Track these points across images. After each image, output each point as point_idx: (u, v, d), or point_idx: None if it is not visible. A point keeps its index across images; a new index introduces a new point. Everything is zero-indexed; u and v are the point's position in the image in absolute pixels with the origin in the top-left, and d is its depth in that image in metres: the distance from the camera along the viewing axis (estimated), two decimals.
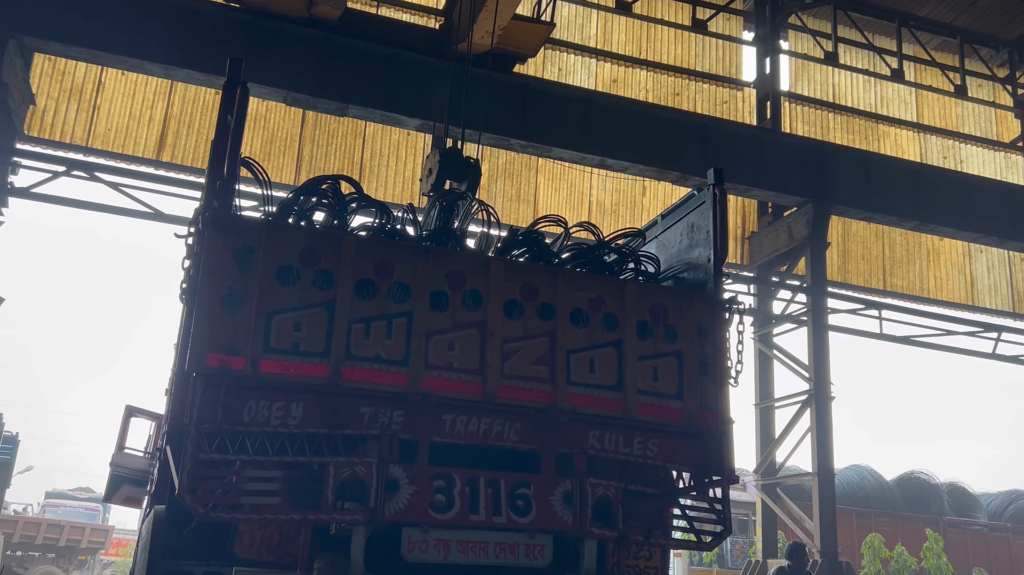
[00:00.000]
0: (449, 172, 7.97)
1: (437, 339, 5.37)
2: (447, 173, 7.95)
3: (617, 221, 16.05)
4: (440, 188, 7.92)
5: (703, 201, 6.53)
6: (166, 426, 5.77)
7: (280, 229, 5.36)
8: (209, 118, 14.08)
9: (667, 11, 17.25)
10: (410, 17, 15.26)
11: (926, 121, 18.82)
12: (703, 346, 5.98)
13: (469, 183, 8.01)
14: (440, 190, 7.86)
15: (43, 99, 13.31)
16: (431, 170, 8.02)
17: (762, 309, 16.22)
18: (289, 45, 12.51)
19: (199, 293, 4.98)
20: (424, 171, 8.25)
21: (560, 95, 14.04)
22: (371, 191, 14.53)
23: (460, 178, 8.01)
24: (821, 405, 14.22)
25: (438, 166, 7.91)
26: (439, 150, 8.06)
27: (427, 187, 8.07)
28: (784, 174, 14.94)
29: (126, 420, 10.67)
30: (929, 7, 18.16)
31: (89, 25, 11.74)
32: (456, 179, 8.02)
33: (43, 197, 12.52)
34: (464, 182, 8.02)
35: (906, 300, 17.85)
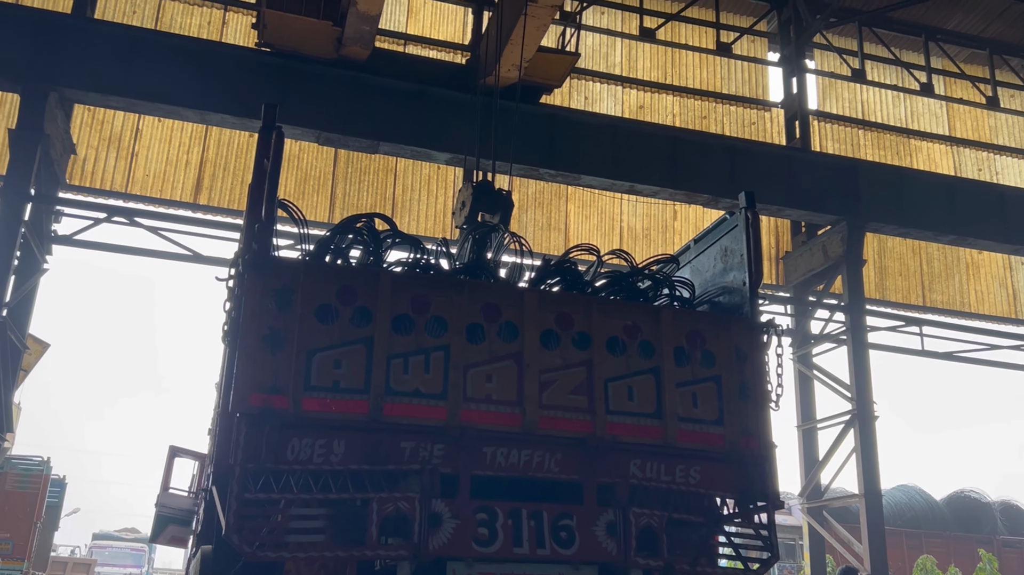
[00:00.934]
0: (482, 205, 8.06)
1: (475, 372, 5.41)
2: (480, 206, 8.04)
3: (649, 246, 16.04)
4: (473, 221, 8.00)
5: (735, 224, 6.52)
6: (211, 466, 5.85)
7: (318, 268, 5.45)
8: (244, 160, 14.36)
9: (691, 36, 17.32)
10: (437, 54, 15.48)
11: (958, 134, 18.63)
12: (742, 370, 5.95)
13: (502, 215, 8.09)
14: (473, 222, 7.95)
15: (83, 148, 13.66)
16: (464, 203, 8.11)
17: (800, 329, 16.05)
18: (320, 86, 12.76)
19: (241, 334, 5.07)
20: (457, 204, 8.35)
21: (587, 123, 14.13)
22: (404, 225, 14.70)
23: (493, 210, 8.10)
24: (865, 425, 14.00)
25: (471, 199, 8.00)
26: (471, 183, 8.16)
27: (461, 220, 8.16)
28: (816, 193, 14.85)
29: (170, 460, 10.80)
30: (956, 20, 18.04)
31: (126, 75, 12.08)
32: (489, 211, 8.11)
33: (85, 243, 12.81)
34: (497, 214, 8.10)
35: (947, 315, 17.57)
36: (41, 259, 12.34)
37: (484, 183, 8.17)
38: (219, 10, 14.75)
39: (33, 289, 12.32)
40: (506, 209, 8.13)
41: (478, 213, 8.09)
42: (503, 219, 8.09)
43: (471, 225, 7.71)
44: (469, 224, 7.99)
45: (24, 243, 11.68)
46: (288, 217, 6.07)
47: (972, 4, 17.64)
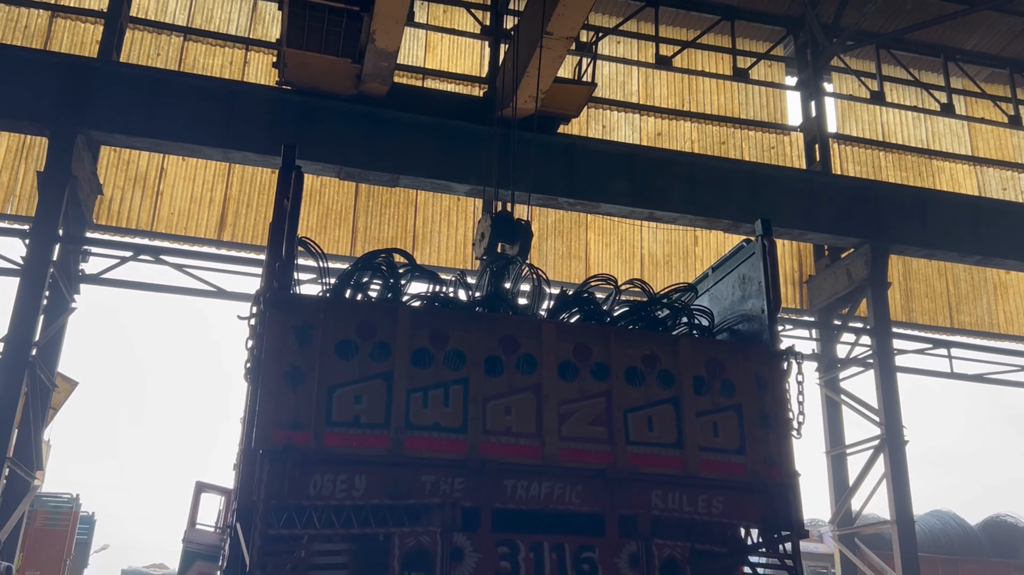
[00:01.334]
0: (501, 235, 8.11)
1: (494, 404, 5.43)
2: (500, 236, 8.09)
3: (670, 272, 16.01)
4: (493, 251, 8.06)
5: (753, 252, 6.53)
6: (235, 502, 5.89)
7: (338, 305, 5.52)
8: (267, 196, 14.55)
9: (707, 63, 17.39)
10: (455, 87, 15.66)
11: (981, 153, 18.50)
12: (763, 398, 5.93)
13: (521, 245, 8.13)
14: (493, 253, 8.01)
15: (110, 188, 13.92)
16: (483, 234, 8.17)
17: (826, 354, 15.91)
18: (340, 122, 12.95)
19: (262, 371, 5.14)
20: (477, 235, 8.41)
21: (605, 152, 14.20)
22: (424, 257, 14.81)
23: (512, 240, 8.14)
24: (895, 450, 13.81)
25: (490, 230, 8.05)
26: (490, 215, 8.22)
27: (481, 251, 8.22)
28: (838, 216, 14.79)
29: (196, 496, 10.88)
30: (975, 40, 17.99)
31: (151, 116, 12.33)
32: (508, 241, 8.15)
33: (112, 282, 13.01)
34: (516, 244, 8.14)
35: (975, 337, 17.34)
36: (69, 298, 12.54)
37: (503, 214, 8.24)
38: (241, 50, 15.03)
39: (62, 328, 12.51)
40: (525, 239, 8.19)
41: (498, 244, 8.15)
42: (522, 249, 8.14)
43: (489, 257, 7.76)
44: (489, 255, 8.05)
45: (52, 283, 11.88)
46: (308, 253, 6.16)
47: (990, 24, 17.59)
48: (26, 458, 11.61)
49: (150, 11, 14.85)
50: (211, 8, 15.21)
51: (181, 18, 14.98)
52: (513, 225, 8.17)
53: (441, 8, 16.17)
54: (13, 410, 10.89)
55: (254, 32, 15.24)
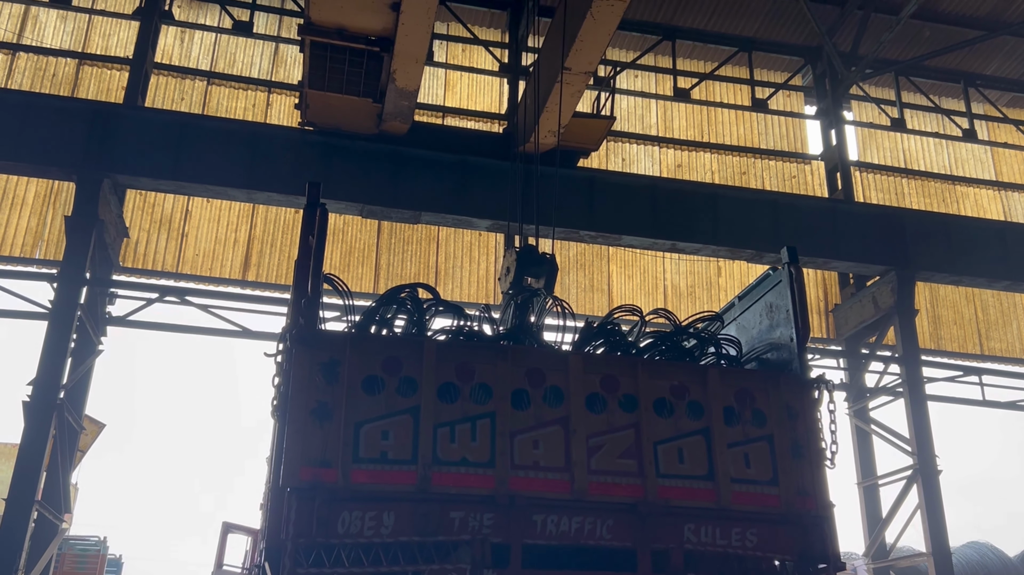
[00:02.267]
0: (527, 270, 8.11)
1: (521, 438, 5.38)
2: (525, 271, 8.10)
3: (694, 303, 15.92)
4: (519, 285, 8.06)
5: (779, 280, 6.47)
6: (263, 542, 5.85)
7: (363, 340, 5.51)
8: (291, 236, 14.67)
9: (726, 94, 17.44)
10: (475, 124, 15.79)
11: (1005, 178, 18.35)
12: (794, 428, 5.84)
13: (547, 279, 8.13)
14: (519, 287, 8.01)
15: (136, 231, 14.10)
16: (509, 268, 8.18)
17: (855, 383, 15.70)
18: (362, 161, 13.08)
19: (289, 408, 5.12)
20: (502, 270, 8.42)
21: (625, 184, 14.22)
22: (447, 293, 14.83)
23: (537, 274, 8.15)
24: (928, 480, 13.55)
25: (515, 265, 8.06)
26: (515, 250, 8.23)
27: (506, 286, 8.22)
28: (862, 244, 14.68)
29: (223, 537, 10.83)
30: (995, 65, 17.93)
31: (176, 159, 12.52)
32: (534, 275, 8.16)
33: (138, 323, 13.11)
34: (542, 278, 8.14)
35: (1007, 363, 17.06)
36: (96, 341, 12.65)
37: (528, 248, 8.25)
38: (263, 92, 15.26)
39: (89, 370, 12.60)
40: (551, 273, 8.19)
41: (524, 278, 8.15)
42: (548, 283, 8.14)
43: (515, 290, 7.76)
44: (515, 288, 8.04)
45: (80, 326, 11.99)
46: (334, 290, 6.18)
47: (1011, 49, 17.55)
48: (54, 501, 11.64)
49: (174, 57, 15.14)
50: (234, 52, 15.48)
51: (204, 63, 15.25)
52: (539, 259, 8.18)
53: (460, 47, 16.36)
54: (42, 453, 10.95)
55: (276, 75, 15.48)
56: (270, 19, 15.70)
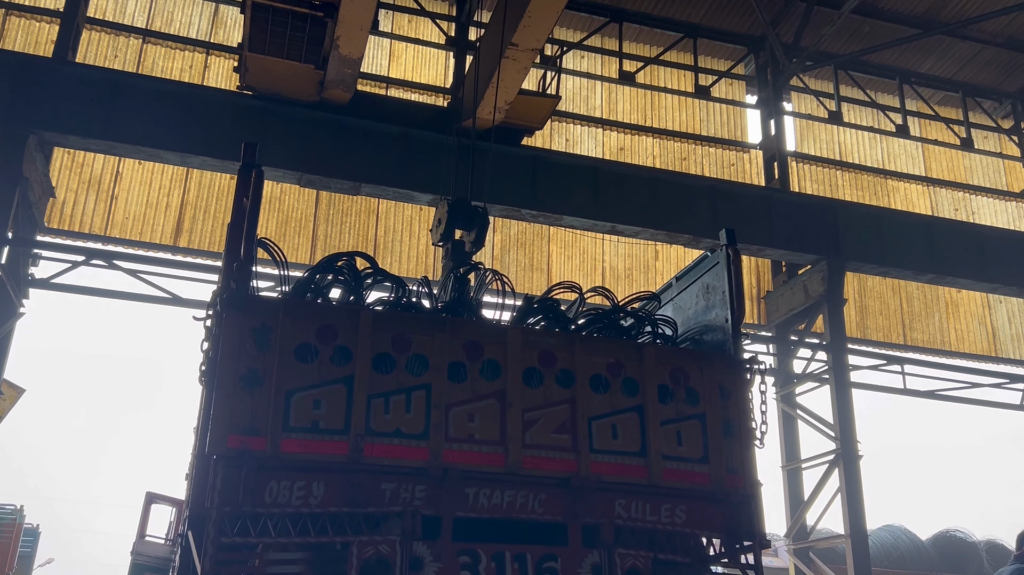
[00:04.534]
0: (458, 221, 8.02)
1: (457, 411, 5.35)
2: (456, 222, 8.00)
3: (631, 286, 16.06)
4: (450, 237, 7.98)
5: (717, 262, 6.54)
6: (187, 511, 5.71)
7: (297, 307, 5.39)
8: (225, 203, 14.31)
9: (670, 79, 17.55)
10: (419, 97, 15.60)
11: (934, 174, 18.90)
12: (726, 408, 5.93)
13: (478, 231, 8.04)
14: (450, 238, 7.94)
15: (63, 191, 13.59)
16: (440, 220, 8.07)
17: (783, 369, 16.06)
18: (302, 128, 12.80)
19: (218, 374, 4.99)
20: (434, 222, 8.28)
21: (568, 165, 14.23)
22: (386, 266, 14.60)
23: (469, 226, 8.04)
24: (849, 464, 13.95)
25: (447, 215, 7.96)
26: (447, 199, 8.12)
27: (437, 237, 8.13)
28: (796, 232, 14.97)
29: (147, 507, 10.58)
30: (929, 63, 18.41)
31: (107, 118, 12.07)
32: (465, 227, 8.06)
33: (63, 287, 12.68)
34: (473, 230, 8.05)
35: (928, 354, 17.64)
36: (18, 303, 12.18)
37: (460, 200, 8.13)
38: (201, 54, 14.82)
39: (9, 333, 12.14)
40: (482, 225, 8.08)
41: (455, 229, 8.05)
42: (479, 235, 8.03)
43: (453, 262, 7.68)
44: (445, 240, 7.97)
45: (0, 287, 11.53)
46: (269, 258, 6.03)
47: (944, 48, 18.02)
48: None
49: (108, 12, 14.59)
50: (171, 11, 14.99)
51: (140, 20, 14.73)
52: (470, 211, 8.06)
53: (406, 18, 16.11)
54: None
55: (215, 36, 15.04)
56: None
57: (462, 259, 7.96)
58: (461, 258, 7.99)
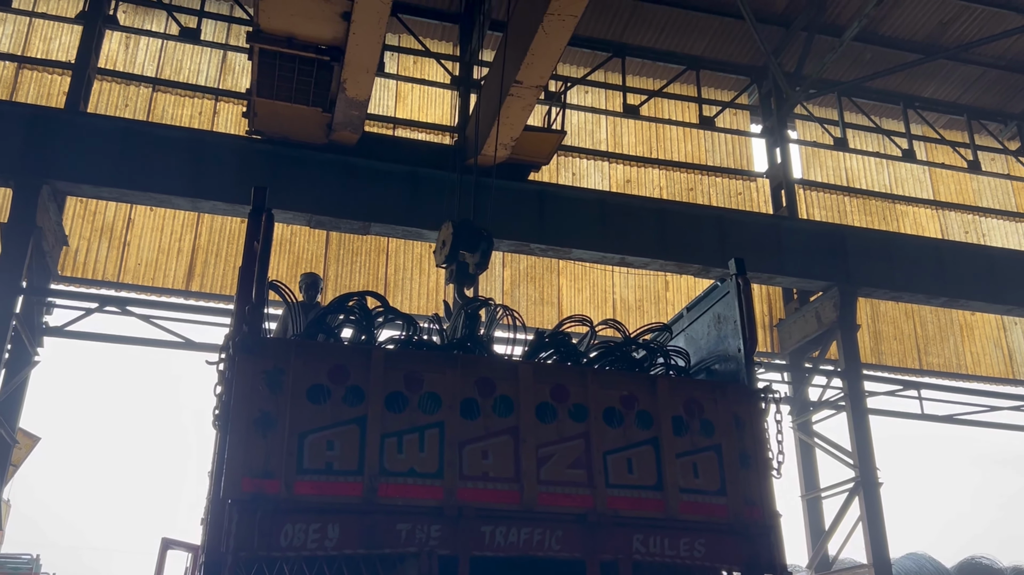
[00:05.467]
0: (463, 243, 8.00)
1: (470, 448, 5.32)
2: (460, 243, 7.99)
3: (642, 317, 16.03)
4: (454, 258, 7.97)
5: (727, 291, 6.53)
6: (203, 556, 5.68)
7: (309, 348, 5.41)
8: (236, 246, 14.42)
9: (674, 111, 17.66)
10: (426, 135, 15.74)
11: (943, 198, 18.88)
12: (742, 438, 5.88)
13: (482, 253, 8.02)
14: (454, 260, 7.93)
15: (75, 239, 13.72)
16: (445, 242, 8.06)
17: (799, 397, 15.94)
18: (311, 170, 12.92)
19: (231, 418, 4.99)
20: (438, 243, 8.26)
21: (575, 198, 14.29)
22: (396, 304, 14.67)
23: (473, 248, 8.02)
24: (869, 492, 13.78)
25: (452, 237, 7.96)
26: (452, 221, 8.11)
27: (441, 259, 8.12)
28: (806, 260, 14.94)
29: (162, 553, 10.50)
30: (933, 87, 18.47)
31: (119, 166, 12.22)
32: (469, 249, 8.03)
33: (77, 334, 12.74)
34: (478, 251, 8.03)
35: (944, 378, 17.49)
36: (32, 352, 12.24)
37: (464, 221, 8.13)
38: (210, 100, 15.02)
39: (24, 382, 12.19)
40: (487, 247, 8.07)
41: (459, 251, 8.03)
42: (483, 258, 8.03)
43: (457, 284, 7.70)
44: (449, 262, 7.97)
45: (15, 336, 11.61)
46: (280, 299, 6.06)
47: (947, 73, 18.10)
48: None
49: (119, 62, 14.83)
50: (180, 59, 15.22)
51: (150, 69, 14.96)
52: (475, 232, 8.04)
53: (411, 59, 16.32)
54: None
55: (223, 82, 15.26)
56: (218, 26, 15.47)
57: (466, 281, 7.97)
58: (465, 280, 8.01)
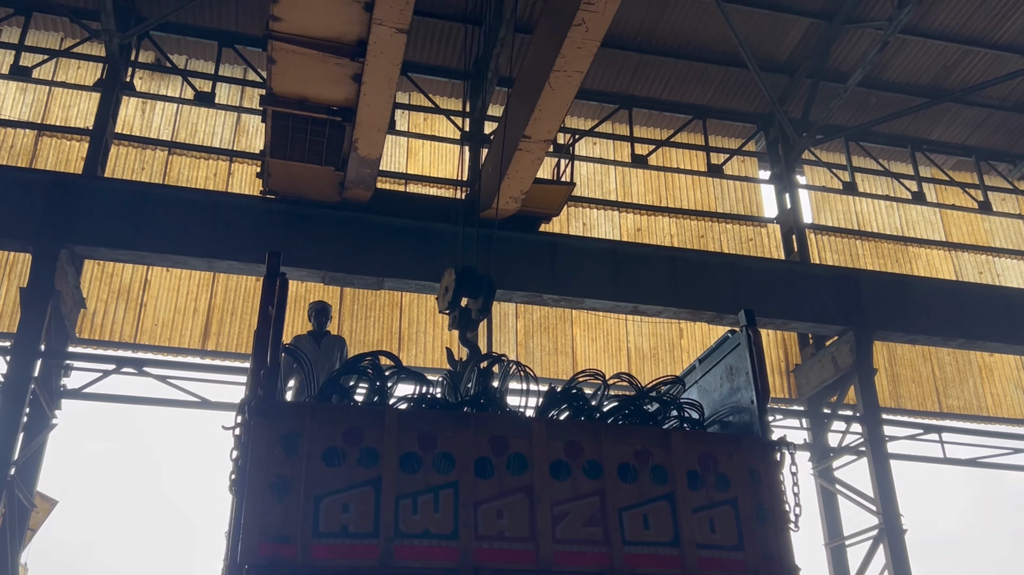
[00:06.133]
0: (465, 288, 8.05)
1: (485, 508, 5.32)
2: (463, 290, 8.03)
3: (657, 365, 15.99)
4: (456, 305, 8.02)
5: (738, 343, 6.54)
6: None
7: (323, 411, 5.45)
8: (251, 304, 14.54)
9: (682, 160, 17.82)
10: (437, 190, 15.93)
11: (955, 239, 18.85)
12: (758, 491, 5.84)
13: (484, 299, 8.05)
14: (456, 306, 7.98)
15: (93, 301, 13.89)
16: (447, 288, 8.12)
17: (818, 443, 15.77)
18: (324, 228, 13.09)
19: (248, 482, 5.02)
20: (440, 290, 8.32)
21: (587, 248, 14.38)
22: (411, 358, 14.75)
23: (475, 294, 8.06)
24: (894, 540, 13.55)
25: (454, 283, 8.01)
26: (454, 268, 8.16)
27: (444, 305, 8.17)
28: (820, 304, 14.92)
29: None
30: (940, 130, 18.58)
31: (136, 229, 12.43)
32: (471, 295, 8.07)
33: (94, 396, 12.82)
34: (480, 297, 8.07)
35: (965, 421, 17.28)
36: (50, 415, 12.32)
37: (466, 268, 8.19)
38: (225, 162, 15.29)
39: (42, 445, 12.25)
40: (488, 293, 8.10)
41: (461, 297, 8.08)
42: (485, 303, 8.06)
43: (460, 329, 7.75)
44: (452, 308, 8.00)
45: (33, 399, 11.70)
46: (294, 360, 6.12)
47: (953, 115, 18.22)
48: None
49: (135, 127, 15.15)
50: (195, 122, 15.54)
51: (166, 133, 15.27)
52: (476, 278, 8.09)
53: (422, 116, 16.59)
54: None
55: (238, 144, 15.54)
56: (232, 90, 15.82)
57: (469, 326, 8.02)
58: (468, 326, 8.06)
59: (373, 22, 10.07)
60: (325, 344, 9.39)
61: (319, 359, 8.95)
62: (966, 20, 16.45)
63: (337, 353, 9.33)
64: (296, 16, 10.25)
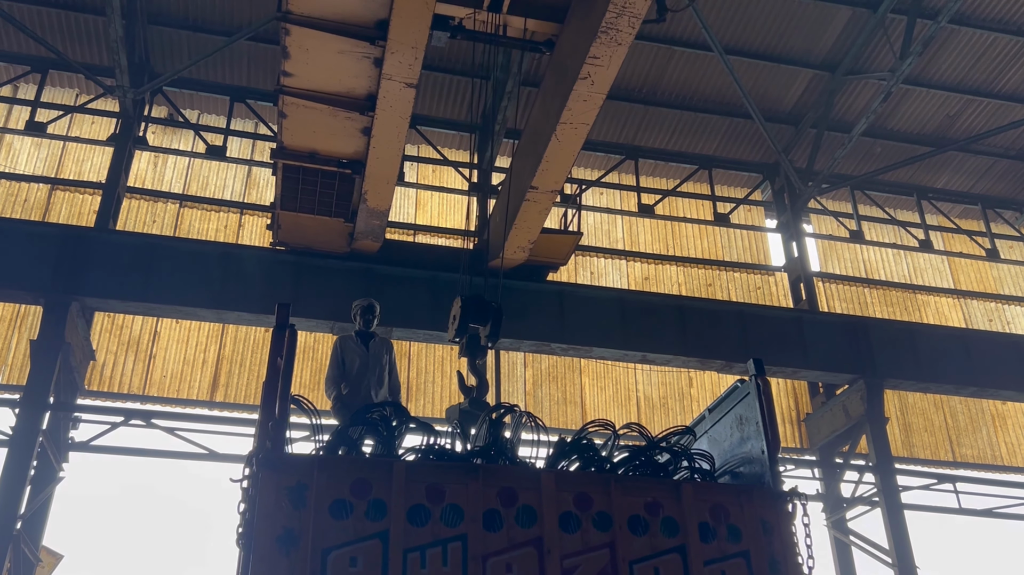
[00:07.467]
0: (472, 317, 8.04)
1: (494, 561, 5.26)
2: (470, 317, 8.02)
3: (667, 414, 15.89)
4: (464, 331, 8.01)
5: (747, 392, 6.51)
6: None
7: (331, 463, 5.43)
8: (260, 355, 14.56)
9: (689, 209, 17.93)
10: (445, 240, 16.03)
11: (963, 286, 18.82)
12: (770, 544, 5.77)
13: (492, 326, 8.04)
14: (464, 333, 7.96)
15: (102, 353, 13.92)
16: (455, 317, 8.11)
17: (831, 493, 15.57)
18: (334, 279, 13.17)
19: (255, 536, 4.99)
20: (450, 319, 8.32)
21: (595, 297, 14.41)
22: (419, 408, 14.70)
23: (483, 321, 8.06)
24: None
25: (460, 312, 8.01)
26: (461, 297, 8.18)
27: (452, 334, 8.15)
28: (829, 353, 14.85)
29: None
30: (946, 178, 18.68)
31: (146, 281, 12.52)
32: (479, 322, 8.07)
33: (102, 449, 12.78)
34: (487, 324, 8.06)
35: (980, 470, 17.04)
36: (57, 467, 12.28)
37: (474, 296, 8.20)
38: (235, 214, 15.45)
39: (48, 499, 12.19)
40: (496, 320, 8.09)
41: (468, 325, 8.07)
42: (493, 331, 8.04)
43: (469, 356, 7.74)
44: (460, 335, 7.99)
45: (41, 452, 11.67)
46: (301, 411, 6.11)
47: (959, 163, 18.34)
48: None
49: (147, 180, 15.35)
50: (206, 175, 15.74)
51: (177, 186, 15.46)
52: (484, 306, 8.09)
53: (430, 168, 16.78)
54: None
55: (248, 196, 15.71)
56: (243, 143, 16.05)
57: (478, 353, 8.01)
58: (477, 353, 8.05)
59: (383, 77, 10.26)
60: (373, 346, 8.92)
61: (368, 362, 8.72)
62: (968, 70, 16.64)
63: (386, 356, 8.90)
64: (307, 72, 10.45)
